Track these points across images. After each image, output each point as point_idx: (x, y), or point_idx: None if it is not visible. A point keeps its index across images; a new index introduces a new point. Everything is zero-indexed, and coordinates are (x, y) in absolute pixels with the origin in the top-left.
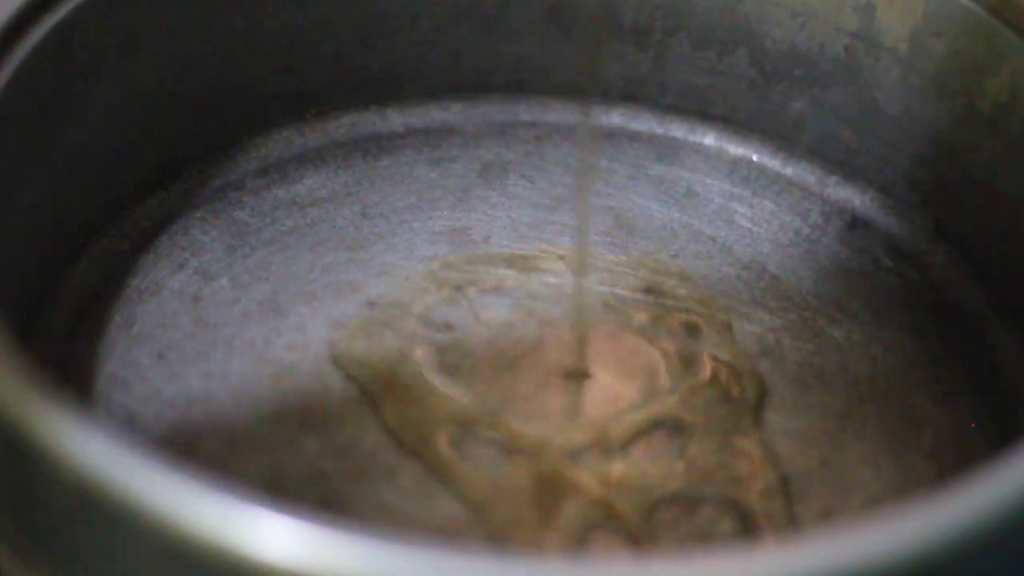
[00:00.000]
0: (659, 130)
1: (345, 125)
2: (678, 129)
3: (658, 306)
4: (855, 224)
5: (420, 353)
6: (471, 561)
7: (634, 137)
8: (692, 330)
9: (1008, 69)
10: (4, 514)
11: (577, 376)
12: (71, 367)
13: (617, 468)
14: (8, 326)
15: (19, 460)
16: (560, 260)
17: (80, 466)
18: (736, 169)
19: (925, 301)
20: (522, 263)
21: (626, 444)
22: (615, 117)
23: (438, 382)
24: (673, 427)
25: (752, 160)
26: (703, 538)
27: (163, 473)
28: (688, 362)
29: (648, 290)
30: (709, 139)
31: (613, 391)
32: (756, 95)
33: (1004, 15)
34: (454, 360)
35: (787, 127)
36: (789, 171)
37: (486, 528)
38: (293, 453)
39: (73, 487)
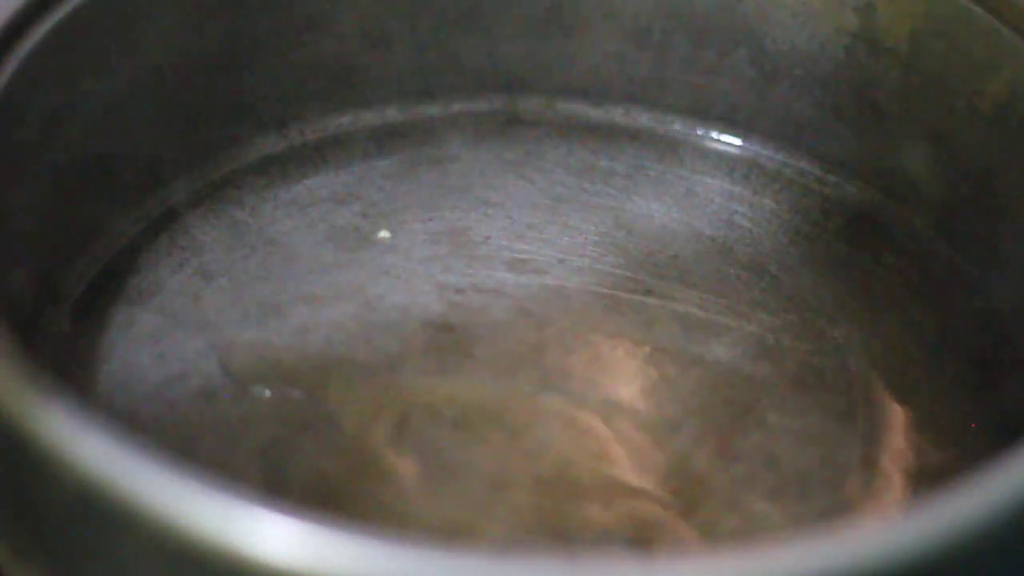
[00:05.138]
0: (659, 130)
1: (345, 125)
2: (678, 129)
3: (658, 307)
4: (855, 223)
5: (420, 354)
6: (471, 561)
7: (634, 137)
8: (692, 331)
9: (1008, 69)
10: (4, 514)
11: (576, 377)
12: (71, 367)
13: (617, 470)
14: (8, 326)
15: (19, 460)
16: (560, 261)
17: (80, 466)
18: (736, 168)
19: (925, 300)
20: (522, 264)
21: (626, 445)
22: (615, 117)
23: (438, 383)
24: (673, 428)
25: (752, 159)
26: (703, 538)
27: (163, 473)
28: (687, 363)
29: (648, 291)
30: (709, 139)
31: (613, 393)
32: (756, 95)
33: (1004, 15)
34: (454, 361)
35: (787, 127)
36: (789, 170)
37: (486, 529)
38: (293, 453)
39: (73, 487)
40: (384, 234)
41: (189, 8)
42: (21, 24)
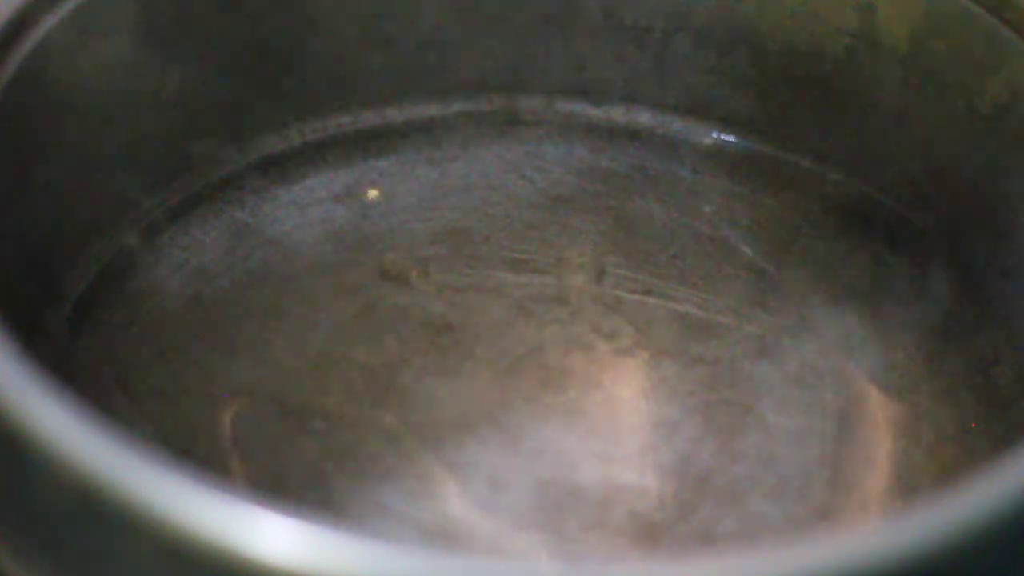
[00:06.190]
0: (659, 130)
1: (345, 125)
2: (678, 129)
3: (658, 307)
4: (855, 223)
5: (420, 354)
6: (471, 561)
7: (634, 137)
8: (692, 331)
9: (1008, 69)
10: (4, 514)
11: (576, 377)
12: (71, 367)
13: (617, 470)
14: (8, 326)
15: (19, 460)
16: (560, 261)
17: (80, 466)
18: (736, 168)
19: (925, 299)
20: (522, 264)
21: (626, 445)
22: (615, 117)
23: (438, 383)
24: (673, 428)
25: (752, 159)
26: (703, 538)
27: (163, 473)
28: (687, 363)
29: (648, 291)
30: (709, 139)
31: (613, 393)
32: (756, 95)
33: (1004, 15)
34: (454, 362)
35: (787, 126)
36: (789, 170)
37: (487, 529)
38: (293, 453)
39: (73, 487)
40: (373, 193)
41: (189, 9)
42: (21, 24)
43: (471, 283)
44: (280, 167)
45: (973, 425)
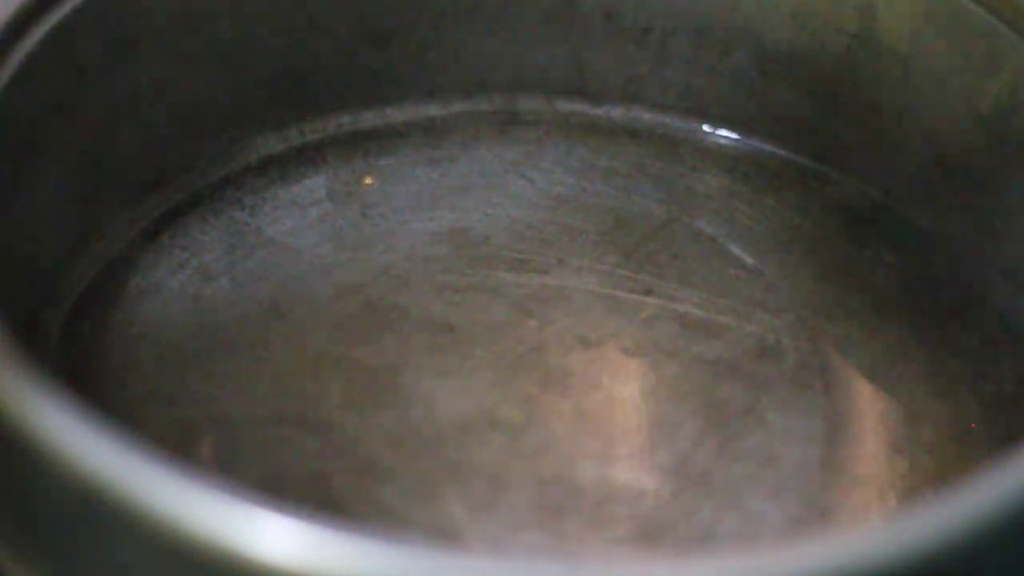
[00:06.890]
0: (659, 129)
1: (345, 124)
2: (678, 128)
3: (658, 307)
4: (855, 223)
5: (420, 355)
6: (471, 561)
7: (634, 136)
8: (692, 331)
9: (1008, 69)
10: (4, 514)
11: (576, 377)
12: (71, 367)
13: (617, 470)
14: (8, 326)
15: (19, 460)
16: (560, 261)
17: (80, 466)
18: (736, 168)
19: (925, 299)
20: (522, 264)
21: (626, 445)
22: (615, 117)
23: (438, 384)
24: (673, 428)
25: (752, 159)
26: (703, 538)
27: (163, 473)
28: (687, 363)
29: (648, 291)
30: (709, 138)
31: (613, 393)
32: (756, 95)
33: (1004, 15)
34: (454, 362)
35: (787, 126)
36: (789, 169)
37: (487, 529)
38: (293, 453)
39: (73, 487)
40: (368, 181)
41: (188, 9)
42: (21, 24)
43: (471, 283)
44: (280, 167)
45: (973, 425)
